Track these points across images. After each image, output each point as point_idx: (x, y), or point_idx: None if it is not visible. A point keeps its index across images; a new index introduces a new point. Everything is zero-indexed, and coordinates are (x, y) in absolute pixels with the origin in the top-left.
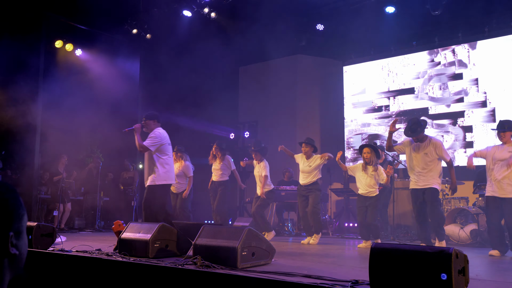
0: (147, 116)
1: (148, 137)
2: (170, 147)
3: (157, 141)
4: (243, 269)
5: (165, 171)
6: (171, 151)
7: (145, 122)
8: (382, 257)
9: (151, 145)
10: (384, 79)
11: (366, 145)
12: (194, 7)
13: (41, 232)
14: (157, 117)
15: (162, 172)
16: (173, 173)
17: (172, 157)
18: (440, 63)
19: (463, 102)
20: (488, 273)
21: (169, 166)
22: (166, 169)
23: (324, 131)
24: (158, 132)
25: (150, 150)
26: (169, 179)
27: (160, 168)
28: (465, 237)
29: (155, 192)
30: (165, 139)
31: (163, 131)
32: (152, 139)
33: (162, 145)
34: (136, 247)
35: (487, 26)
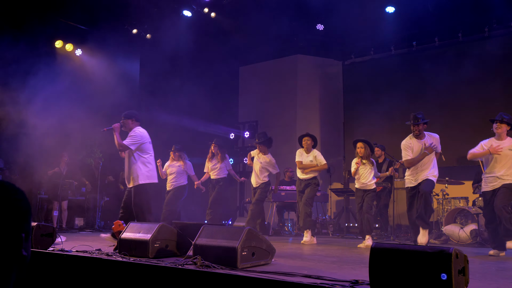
0: (126, 115)
1: (128, 136)
2: (151, 146)
3: (137, 139)
4: (243, 269)
5: (148, 169)
6: (152, 150)
7: (124, 121)
8: (382, 257)
9: (131, 143)
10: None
11: (360, 140)
12: (194, 7)
13: (41, 232)
14: (135, 116)
15: (145, 171)
16: (156, 172)
17: (153, 155)
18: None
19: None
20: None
21: (151, 165)
22: (149, 167)
23: (324, 131)
24: (138, 131)
25: (130, 148)
26: (152, 177)
27: (142, 167)
28: (465, 237)
29: (140, 191)
30: (145, 137)
31: (143, 130)
32: (132, 138)
33: (143, 143)
34: (136, 247)
35: (487, 26)
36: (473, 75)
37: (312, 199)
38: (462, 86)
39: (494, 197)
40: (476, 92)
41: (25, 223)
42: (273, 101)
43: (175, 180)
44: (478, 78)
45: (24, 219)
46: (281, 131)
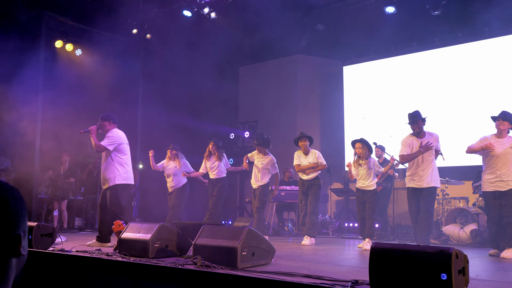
0: (103, 117)
1: (105, 137)
2: (128, 147)
3: (114, 140)
4: (243, 269)
5: (125, 170)
6: (129, 151)
7: (101, 123)
8: (382, 257)
9: (108, 144)
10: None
11: (358, 140)
12: (194, 7)
13: (41, 232)
14: (112, 118)
15: (122, 172)
16: (132, 173)
17: (130, 157)
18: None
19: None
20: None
21: (128, 166)
22: (126, 168)
23: (324, 131)
24: (116, 132)
25: (108, 149)
26: (129, 179)
27: (119, 167)
28: (465, 237)
29: (116, 192)
30: (122, 138)
31: (120, 132)
32: (109, 139)
33: (120, 144)
34: (136, 247)
35: (487, 26)
36: (473, 75)
37: (317, 206)
38: (462, 86)
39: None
40: (477, 92)
41: (22, 222)
42: (273, 101)
43: (174, 182)
44: (478, 78)
45: (21, 218)
46: (281, 131)
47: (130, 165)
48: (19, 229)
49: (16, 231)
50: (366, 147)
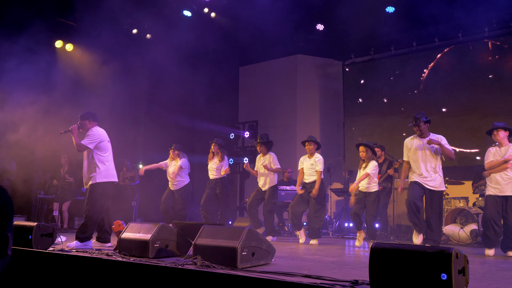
0: (82, 116)
1: (86, 136)
2: (109, 145)
3: (95, 138)
4: (243, 269)
5: (106, 168)
6: (111, 149)
7: (81, 122)
8: (382, 257)
9: (89, 143)
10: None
11: (362, 143)
12: (194, 7)
13: (41, 232)
14: (92, 116)
15: (103, 170)
16: (114, 170)
17: (111, 154)
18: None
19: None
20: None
21: (109, 163)
22: (107, 166)
23: (324, 131)
24: (95, 130)
25: (89, 148)
26: (110, 176)
27: (100, 165)
28: (465, 237)
29: (97, 190)
30: (103, 136)
31: (100, 129)
32: (90, 137)
33: (101, 142)
34: (136, 247)
35: (487, 26)
36: (473, 75)
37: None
38: (462, 86)
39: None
40: (477, 92)
41: (10, 223)
42: (273, 101)
43: (176, 181)
44: (478, 78)
45: (10, 218)
46: (281, 131)
47: (112, 162)
48: (7, 229)
49: (5, 231)
50: (370, 150)
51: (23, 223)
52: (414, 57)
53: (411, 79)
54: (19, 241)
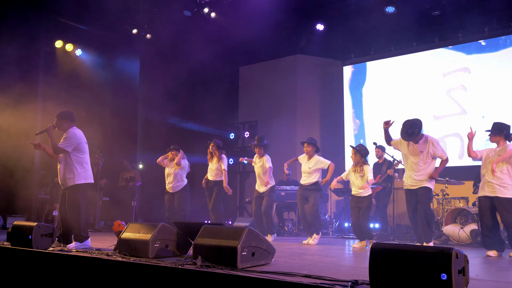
0: (59, 115)
1: (63, 138)
2: (86, 146)
3: (72, 141)
4: (243, 269)
5: (84, 170)
6: (88, 151)
7: (58, 122)
8: (382, 257)
9: (67, 145)
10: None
11: (352, 147)
12: (194, 7)
13: (41, 232)
14: (69, 116)
15: (82, 171)
16: (91, 172)
17: (88, 155)
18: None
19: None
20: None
21: (87, 165)
22: (85, 168)
23: (324, 131)
24: (73, 132)
25: (66, 150)
26: (89, 178)
27: (78, 167)
28: (465, 237)
29: (77, 191)
30: (81, 138)
31: (78, 131)
32: (67, 140)
33: (79, 144)
34: (136, 247)
35: (487, 26)
36: (473, 75)
37: (318, 205)
38: (462, 86)
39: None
40: (477, 91)
41: None
42: (273, 101)
43: (175, 183)
44: (478, 78)
45: None
46: (281, 131)
47: (89, 163)
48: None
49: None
50: (359, 154)
51: (23, 223)
52: (414, 57)
53: (411, 79)
54: (19, 241)
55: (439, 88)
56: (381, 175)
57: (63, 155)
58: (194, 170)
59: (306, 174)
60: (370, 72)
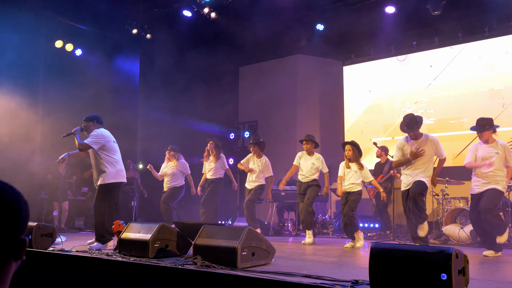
0: (87, 118)
1: (90, 136)
2: (116, 146)
3: (99, 139)
4: (243, 269)
5: (116, 169)
6: (118, 150)
7: (86, 124)
8: (382, 257)
9: (92, 142)
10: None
11: (348, 142)
12: (194, 7)
13: (41, 232)
14: (97, 118)
15: (112, 171)
16: (123, 171)
17: (120, 155)
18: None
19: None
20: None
21: (118, 164)
22: (116, 167)
23: (324, 131)
24: (100, 131)
25: (93, 148)
26: (120, 177)
27: (109, 167)
28: (465, 237)
29: (104, 191)
30: (108, 137)
31: (105, 131)
32: (93, 137)
33: (107, 142)
34: (136, 247)
35: (487, 26)
36: (473, 75)
37: (314, 198)
38: (462, 86)
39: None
40: (476, 91)
41: (27, 227)
42: (273, 101)
43: (170, 182)
44: (478, 77)
45: (27, 222)
46: (281, 131)
47: (121, 163)
48: (25, 233)
49: (23, 235)
50: (356, 150)
51: None
52: (414, 57)
53: (411, 79)
54: None
55: (439, 87)
56: (383, 175)
57: (93, 154)
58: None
59: (308, 170)
60: (370, 72)
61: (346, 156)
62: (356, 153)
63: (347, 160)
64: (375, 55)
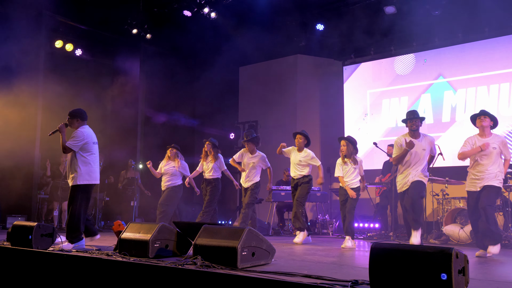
0: (71, 113)
1: (71, 137)
2: (95, 146)
3: (80, 140)
4: (243, 269)
5: (88, 170)
6: (97, 150)
7: (69, 120)
8: (382, 257)
9: (73, 145)
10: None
11: (343, 137)
12: (194, 7)
13: (41, 232)
14: (81, 114)
15: (85, 171)
16: (97, 173)
17: (97, 155)
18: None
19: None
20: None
21: (92, 165)
22: (88, 168)
23: (324, 131)
24: (81, 131)
25: (73, 150)
26: (92, 179)
27: (82, 167)
28: (465, 237)
29: (76, 192)
30: (89, 137)
31: (87, 130)
32: (75, 138)
33: (86, 143)
34: (136, 247)
35: (487, 26)
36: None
37: (304, 197)
38: (462, 86)
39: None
40: (476, 91)
41: None
42: (273, 101)
43: (169, 181)
44: (478, 77)
45: None
46: (281, 131)
47: (96, 164)
48: None
49: None
50: (351, 145)
51: (23, 223)
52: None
53: (410, 79)
54: (19, 241)
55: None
56: (391, 173)
57: (71, 153)
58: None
59: (298, 166)
60: (370, 72)
61: (341, 151)
62: (351, 148)
63: (342, 156)
64: (375, 55)
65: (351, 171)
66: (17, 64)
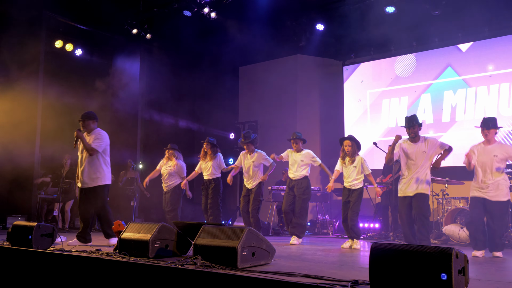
0: (86, 116)
1: (95, 139)
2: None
3: (104, 142)
4: (243, 269)
5: (108, 171)
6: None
7: (84, 122)
8: (382, 257)
9: (100, 146)
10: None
11: (346, 137)
12: (194, 7)
13: (41, 232)
14: (95, 116)
15: (107, 172)
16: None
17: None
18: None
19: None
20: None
21: (109, 166)
22: (109, 168)
23: (324, 131)
24: (104, 133)
25: (99, 152)
26: (109, 179)
27: (105, 168)
28: (465, 237)
29: (102, 192)
30: (108, 139)
31: (105, 132)
32: (99, 140)
33: (107, 145)
34: (136, 247)
35: (487, 26)
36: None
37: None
38: (462, 86)
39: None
40: (476, 91)
41: None
42: (273, 101)
43: (169, 181)
44: (478, 77)
45: None
46: (281, 131)
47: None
48: None
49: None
50: (355, 145)
51: (23, 223)
52: (414, 57)
53: (410, 79)
54: (19, 241)
55: (438, 87)
56: (392, 174)
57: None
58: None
59: (298, 166)
60: (370, 72)
61: (346, 151)
62: (355, 147)
63: (344, 155)
64: (375, 55)
65: (352, 171)
66: (17, 64)
